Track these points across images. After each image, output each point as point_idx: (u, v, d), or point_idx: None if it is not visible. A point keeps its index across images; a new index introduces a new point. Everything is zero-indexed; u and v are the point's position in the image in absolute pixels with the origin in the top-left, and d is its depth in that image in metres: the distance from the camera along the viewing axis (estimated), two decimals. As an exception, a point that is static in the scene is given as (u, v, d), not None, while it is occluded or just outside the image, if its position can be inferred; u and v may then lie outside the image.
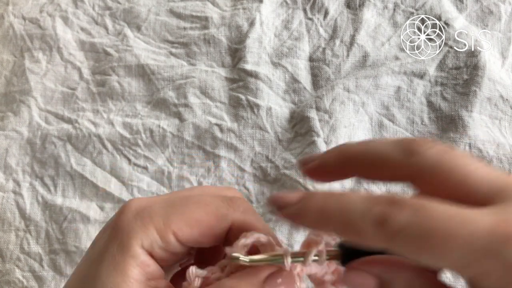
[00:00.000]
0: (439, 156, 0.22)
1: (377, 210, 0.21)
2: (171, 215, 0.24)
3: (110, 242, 0.24)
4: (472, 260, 0.19)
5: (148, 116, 0.56)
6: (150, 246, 0.24)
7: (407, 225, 0.20)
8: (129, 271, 0.23)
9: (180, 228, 0.24)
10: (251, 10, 0.60)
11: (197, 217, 0.25)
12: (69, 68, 0.61)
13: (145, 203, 0.25)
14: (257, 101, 0.54)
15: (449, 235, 0.19)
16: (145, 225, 0.24)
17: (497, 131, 0.50)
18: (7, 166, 0.55)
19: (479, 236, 0.19)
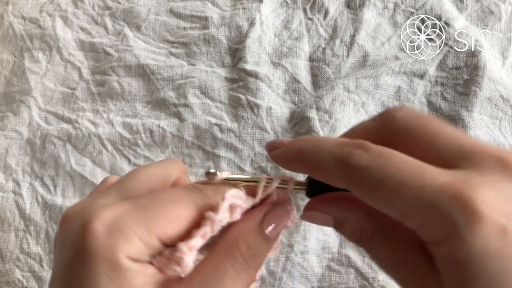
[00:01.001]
0: (411, 120, 0.23)
1: (343, 150, 0.23)
2: (151, 220, 0.23)
3: (94, 265, 0.22)
4: (416, 212, 0.20)
5: (148, 116, 0.56)
6: (136, 256, 0.23)
7: (366, 167, 0.22)
8: (133, 281, 0.22)
9: (163, 231, 0.23)
10: (251, 10, 0.60)
11: (177, 216, 0.24)
12: (69, 68, 0.61)
13: (113, 215, 0.23)
14: (257, 101, 0.54)
15: (401, 184, 0.20)
16: (127, 237, 0.22)
17: (497, 131, 0.50)
18: (7, 166, 0.55)
19: (429, 191, 0.20)
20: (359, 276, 0.46)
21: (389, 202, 0.21)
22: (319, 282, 0.46)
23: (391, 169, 0.21)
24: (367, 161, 0.22)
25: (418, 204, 0.20)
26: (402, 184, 0.20)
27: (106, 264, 0.22)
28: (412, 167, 0.21)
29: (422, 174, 0.20)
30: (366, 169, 0.21)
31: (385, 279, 0.46)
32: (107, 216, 0.23)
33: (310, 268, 0.47)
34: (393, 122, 0.24)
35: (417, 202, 0.20)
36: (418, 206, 0.20)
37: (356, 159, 0.22)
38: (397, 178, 0.21)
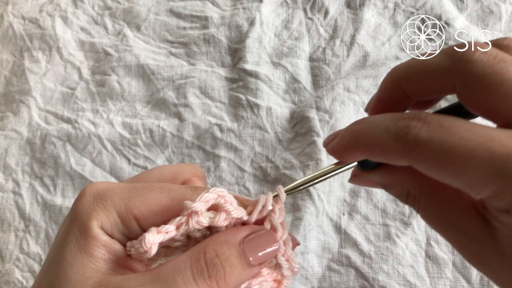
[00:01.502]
0: (491, 65, 0.20)
1: (400, 124, 0.21)
2: (132, 198, 0.24)
3: (71, 225, 0.24)
4: (488, 182, 0.19)
5: (148, 116, 0.56)
6: (110, 229, 0.23)
7: (428, 140, 0.20)
8: (94, 251, 0.23)
9: (141, 212, 0.23)
10: (251, 10, 0.60)
11: (160, 202, 0.24)
12: (69, 68, 0.61)
13: (106, 186, 0.25)
14: (257, 101, 0.54)
15: (469, 155, 0.19)
16: (106, 206, 0.23)
17: (497, 131, 0.50)
18: (7, 166, 0.55)
19: (498, 158, 0.18)
20: (359, 276, 0.46)
21: (458, 175, 0.20)
22: (319, 282, 0.46)
23: (456, 139, 0.20)
24: (428, 133, 0.20)
25: (489, 175, 0.19)
26: (470, 155, 0.19)
27: (80, 227, 0.23)
28: (479, 135, 0.19)
29: (491, 141, 0.19)
30: (428, 142, 0.20)
31: (385, 279, 0.46)
32: (98, 186, 0.24)
33: (310, 268, 0.46)
34: (468, 66, 0.21)
35: (488, 172, 0.19)
36: (490, 177, 0.19)
37: (415, 132, 0.20)
38: (464, 148, 0.19)
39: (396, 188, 0.25)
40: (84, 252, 0.23)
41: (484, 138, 0.19)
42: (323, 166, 0.48)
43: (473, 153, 0.19)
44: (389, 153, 0.22)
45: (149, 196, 0.24)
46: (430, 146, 0.20)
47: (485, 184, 0.19)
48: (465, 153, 0.19)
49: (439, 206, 0.23)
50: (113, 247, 0.23)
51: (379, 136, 0.22)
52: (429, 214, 0.23)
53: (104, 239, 0.23)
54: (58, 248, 0.24)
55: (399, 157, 0.21)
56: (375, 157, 0.23)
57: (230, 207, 0.23)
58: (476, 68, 0.20)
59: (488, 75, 0.20)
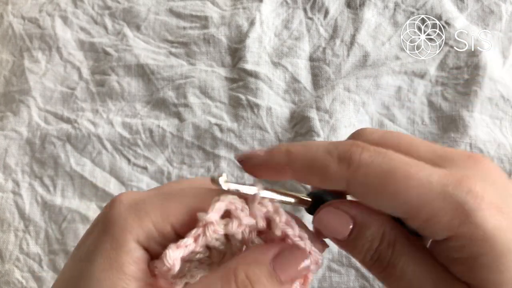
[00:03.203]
0: (382, 136, 0.23)
1: (342, 148, 0.22)
2: (168, 207, 0.23)
3: (102, 238, 0.22)
4: (427, 201, 0.21)
5: (148, 116, 0.56)
6: (146, 241, 0.22)
7: (370, 162, 0.22)
8: (126, 268, 0.21)
9: (178, 219, 0.23)
10: (251, 10, 0.60)
11: (196, 207, 0.23)
12: (69, 68, 0.61)
13: (138, 196, 0.24)
14: (257, 101, 0.54)
15: (408, 177, 0.21)
16: (141, 218, 0.22)
17: (498, 131, 0.50)
18: (6, 166, 0.55)
19: (435, 179, 0.21)
20: (359, 277, 0.46)
21: (398, 196, 0.21)
22: (320, 282, 0.46)
23: (396, 163, 0.21)
24: (369, 158, 0.22)
25: (428, 193, 0.21)
26: (410, 177, 0.21)
27: (113, 239, 0.22)
28: (413, 162, 0.22)
29: (422, 166, 0.21)
30: (371, 163, 0.22)
31: (385, 279, 0.46)
32: (131, 196, 0.23)
33: (310, 268, 0.46)
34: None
35: (426, 191, 0.21)
36: (428, 195, 0.21)
37: (358, 156, 0.22)
38: (403, 171, 0.21)
39: (373, 227, 0.23)
40: (115, 269, 0.21)
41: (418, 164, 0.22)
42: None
43: (412, 175, 0.21)
44: (329, 174, 0.23)
45: (184, 202, 0.23)
46: (373, 167, 0.22)
47: (424, 205, 0.21)
48: (405, 175, 0.21)
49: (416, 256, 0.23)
50: (144, 267, 0.22)
51: (319, 157, 0.23)
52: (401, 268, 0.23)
53: (137, 254, 0.22)
54: (84, 261, 0.22)
55: (339, 178, 0.22)
56: (310, 177, 0.24)
57: (241, 214, 0.23)
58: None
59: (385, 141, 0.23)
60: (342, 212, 0.24)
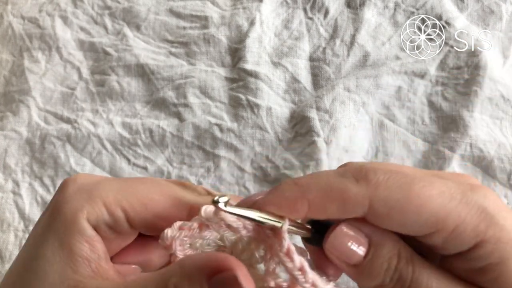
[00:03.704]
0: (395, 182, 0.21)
1: (354, 170, 0.21)
2: (121, 190, 0.22)
3: (52, 217, 0.22)
4: (452, 208, 0.20)
5: (148, 116, 0.56)
6: (95, 221, 0.22)
7: (388, 178, 0.21)
8: (76, 248, 0.21)
9: (131, 205, 0.22)
10: (251, 10, 0.60)
11: (151, 196, 0.22)
12: (68, 68, 0.61)
13: (94, 178, 0.23)
14: (257, 101, 0.54)
15: (428, 187, 0.21)
16: (92, 198, 0.22)
17: (498, 131, 0.50)
18: (6, 166, 0.55)
19: (452, 187, 0.21)
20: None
21: (424, 209, 0.20)
22: (320, 282, 0.46)
23: (411, 178, 0.21)
24: (385, 174, 0.21)
25: (451, 201, 0.21)
26: (430, 188, 0.21)
27: (63, 219, 0.21)
28: (424, 176, 0.21)
29: (436, 179, 0.21)
30: (389, 180, 0.21)
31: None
32: (83, 178, 0.23)
33: (310, 268, 0.46)
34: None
35: (449, 199, 0.21)
36: (452, 203, 0.21)
37: (373, 173, 0.21)
38: (421, 184, 0.21)
39: (389, 244, 0.22)
40: (66, 249, 0.21)
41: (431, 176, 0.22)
42: (323, 166, 0.48)
43: (431, 184, 0.21)
44: (349, 197, 0.21)
45: (139, 188, 0.23)
46: (392, 183, 0.21)
47: (449, 215, 0.20)
48: (424, 185, 0.21)
49: (435, 271, 0.22)
50: (96, 245, 0.22)
51: (334, 181, 0.21)
52: (425, 285, 0.21)
53: (89, 233, 0.21)
54: (36, 242, 0.22)
55: (361, 199, 0.21)
56: (328, 205, 0.21)
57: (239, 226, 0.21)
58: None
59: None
60: (357, 230, 0.22)
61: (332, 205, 0.21)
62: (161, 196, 0.23)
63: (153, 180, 0.24)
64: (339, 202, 0.21)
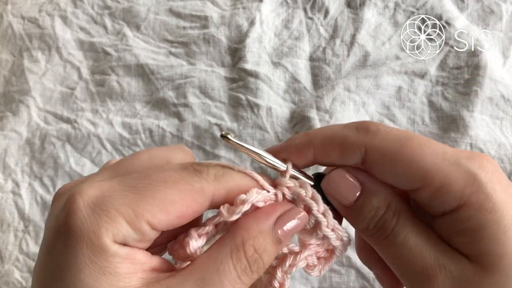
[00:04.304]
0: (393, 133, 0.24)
1: (359, 123, 0.24)
2: (139, 201, 0.21)
3: (76, 246, 0.20)
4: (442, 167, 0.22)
5: (148, 116, 0.56)
6: (123, 240, 0.21)
7: (388, 131, 0.24)
8: (119, 269, 0.20)
9: (154, 215, 0.21)
10: (251, 10, 0.60)
11: (170, 200, 0.21)
12: (68, 68, 0.60)
13: (98, 192, 0.21)
14: (257, 101, 0.54)
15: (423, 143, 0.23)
16: (112, 218, 0.20)
17: (498, 131, 0.50)
18: (6, 166, 0.55)
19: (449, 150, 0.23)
20: (359, 277, 0.46)
21: (414, 162, 0.22)
22: (320, 283, 0.46)
23: (411, 133, 0.23)
24: (386, 127, 0.24)
25: (442, 161, 0.22)
26: (425, 145, 0.23)
27: (89, 246, 0.20)
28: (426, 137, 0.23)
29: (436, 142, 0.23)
30: (389, 132, 0.23)
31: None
32: (91, 193, 0.21)
33: (310, 268, 0.46)
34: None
35: (441, 159, 0.22)
36: (443, 163, 0.22)
37: (375, 125, 0.24)
38: (419, 139, 0.23)
39: (381, 195, 0.24)
40: (109, 273, 0.20)
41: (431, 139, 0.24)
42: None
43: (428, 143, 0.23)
44: (348, 143, 0.24)
45: (157, 195, 0.21)
46: (390, 134, 0.23)
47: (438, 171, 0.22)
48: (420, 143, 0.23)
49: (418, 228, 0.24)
50: (136, 257, 0.21)
51: (338, 130, 0.24)
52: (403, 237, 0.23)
53: (124, 252, 0.21)
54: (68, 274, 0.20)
55: (358, 145, 0.24)
56: (330, 150, 0.25)
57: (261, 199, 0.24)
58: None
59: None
60: (352, 176, 0.25)
61: (334, 151, 0.24)
62: (180, 195, 0.22)
63: (166, 178, 0.22)
64: (339, 148, 0.24)
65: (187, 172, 0.23)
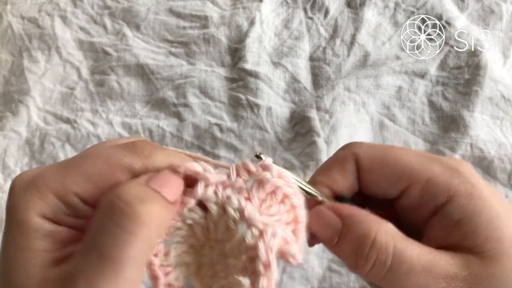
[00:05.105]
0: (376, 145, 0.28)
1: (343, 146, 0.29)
2: (67, 175, 0.22)
3: (9, 223, 0.21)
4: (426, 164, 0.25)
5: (147, 116, 0.56)
6: (53, 214, 0.21)
7: (369, 143, 0.27)
8: (34, 245, 0.20)
9: (81, 186, 0.21)
10: (251, 9, 0.60)
11: (98, 172, 0.22)
12: (68, 68, 0.60)
13: (36, 171, 0.22)
14: (257, 101, 0.54)
15: (405, 149, 0.26)
16: (41, 192, 0.21)
17: (498, 131, 0.49)
18: (6, 166, 0.54)
19: (429, 154, 0.26)
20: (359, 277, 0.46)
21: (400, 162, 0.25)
22: (320, 283, 0.46)
23: (390, 145, 0.27)
24: (367, 144, 0.27)
25: (425, 160, 0.25)
26: (407, 149, 0.26)
27: (16, 221, 0.21)
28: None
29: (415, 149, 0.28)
30: (371, 143, 0.27)
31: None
32: (29, 174, 0.22)
33: (310, 269, 0.46)
34: None
35: (424, 158, 0.25)
36: (426, 161, 0.25)
37: (357, 142, 0.27)
38: (399, 147, 0.26)
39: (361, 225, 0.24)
40: (24, 249, 0.20)
41: None
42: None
43: (408, 149, 0.27)
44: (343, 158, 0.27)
45: (84, 167, 0.22)
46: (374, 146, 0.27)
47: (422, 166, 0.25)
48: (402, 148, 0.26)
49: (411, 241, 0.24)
50: (59, 236, 0.21)
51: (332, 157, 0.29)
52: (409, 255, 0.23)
53: (47, 228, 0.21)
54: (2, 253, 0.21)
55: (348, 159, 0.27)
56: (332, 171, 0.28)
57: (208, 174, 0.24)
58: None
59: None
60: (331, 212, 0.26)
61: (334, 170, 0.27)
62: (108, 168, 0.22)
63: (97, 152, 0.23)
64: (338, 165, 0.27)
65: (120, 148, 0.23)
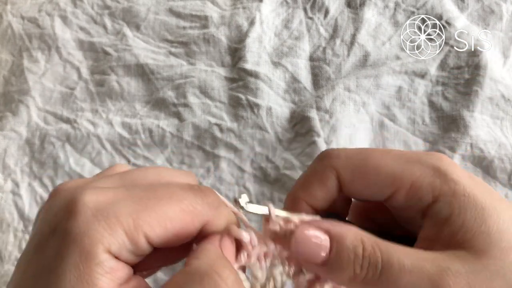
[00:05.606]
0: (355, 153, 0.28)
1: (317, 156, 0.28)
2: (140, 213, 0.21)
3: (68, 248, 0.20)
4: (408, 167, 0.24)
5: (147, 116, 0.56)
6: (118, 251, 0.20)
7: (346, 150, 0.27)
8: (97, 281, 0.20)
9: (152, 229, 0.21)
10: (251, 9, 0.60)
11: (171, 216, 0.21)
12: (68, 68, 0.60)
13: (103, 198, 0.21)
14: (257, 101, 0.54)
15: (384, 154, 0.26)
16: (111, 227, 0.20)
17: (498, 131, 0.49)
18: (6, 166, 0.54)
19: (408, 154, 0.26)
20: None
21: (381, 169, 0.25)
22: (320, 283, 0.46)
23: (370, 149, 0.27)
24: (344, 149, 0.27)
25: (406, 162, 0.25)
26: (386, 154, 0.25)
27: (79, 251, 0.20)
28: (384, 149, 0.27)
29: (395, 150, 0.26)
30: (348, 150, 0.26)
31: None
32: (95, 198, 0.21)
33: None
34: None
35: (404, 161, 0.25)
36: (407, 164, 0.25)
37: (333, 150, 0.27)
38: (378, 150, 0.26)
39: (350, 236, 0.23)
40: (86, 282, 0.19)
41: None
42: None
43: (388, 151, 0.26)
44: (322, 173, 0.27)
45: (158, 208, 0.21)
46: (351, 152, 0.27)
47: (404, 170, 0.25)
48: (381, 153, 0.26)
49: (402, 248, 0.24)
50: (117, 274, 0.21)
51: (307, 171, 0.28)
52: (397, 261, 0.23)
53: (110, 264, 0.20)
54: (49, 274, 0.20)
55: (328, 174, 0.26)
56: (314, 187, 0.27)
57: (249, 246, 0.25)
58: None
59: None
60: (316, 228, 0.24)
61: (314, 185, 0.27)
62: (181, 214, 0.22)
63: (171, 194, 0.22)
64: (318, 181, 0.27)
65: (192, 192, 0.23)
